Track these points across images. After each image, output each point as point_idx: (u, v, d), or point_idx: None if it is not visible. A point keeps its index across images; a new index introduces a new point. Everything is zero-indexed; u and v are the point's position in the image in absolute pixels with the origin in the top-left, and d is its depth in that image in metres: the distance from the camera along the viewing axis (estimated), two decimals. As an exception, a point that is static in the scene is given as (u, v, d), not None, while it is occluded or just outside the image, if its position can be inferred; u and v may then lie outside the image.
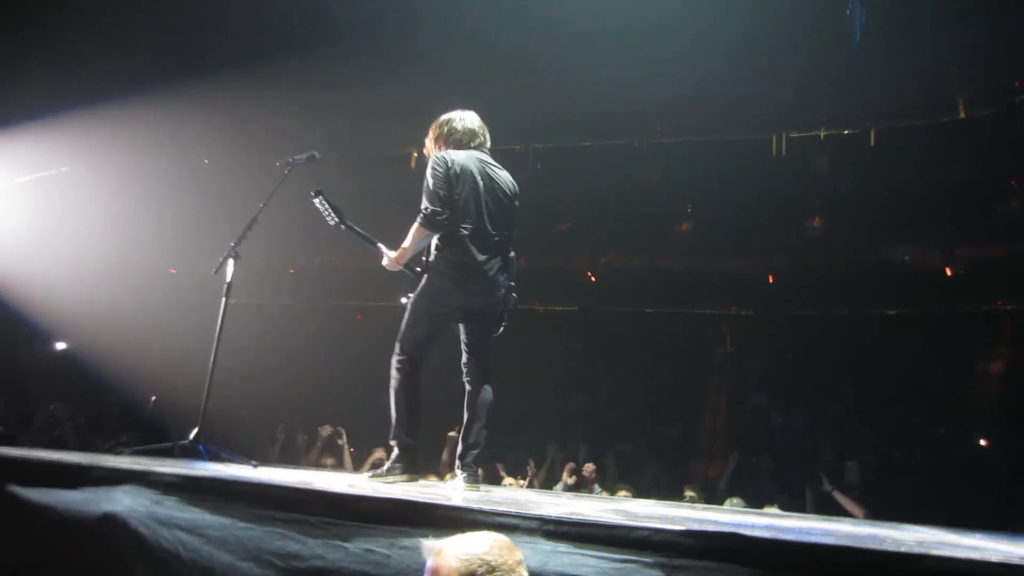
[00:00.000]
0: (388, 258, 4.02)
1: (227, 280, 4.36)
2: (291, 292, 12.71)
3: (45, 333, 10.54)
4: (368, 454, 6.91)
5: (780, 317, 11.25)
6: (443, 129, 4.06)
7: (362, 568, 2.55)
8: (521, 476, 6.70)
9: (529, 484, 6.71)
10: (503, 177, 4.06)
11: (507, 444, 6.87)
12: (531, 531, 2.47)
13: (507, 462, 6.97)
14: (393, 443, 3.89)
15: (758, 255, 12.45)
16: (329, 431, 7.55)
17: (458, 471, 3.92)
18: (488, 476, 5.21)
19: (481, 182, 3.91)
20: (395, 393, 3.88)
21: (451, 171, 3.84)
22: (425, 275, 3.95)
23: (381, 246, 4.07)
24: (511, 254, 4.07)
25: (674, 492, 6.48)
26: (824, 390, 9.86)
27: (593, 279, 13.76)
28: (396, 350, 3.91)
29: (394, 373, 3.89)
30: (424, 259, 4.03)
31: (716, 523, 2.87)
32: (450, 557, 1.88)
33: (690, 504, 5.36)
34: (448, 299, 3.90)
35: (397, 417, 3.87)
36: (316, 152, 4.59)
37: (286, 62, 9.01)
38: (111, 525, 2.79)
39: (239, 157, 11.25)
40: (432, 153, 4.01)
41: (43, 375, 9.79)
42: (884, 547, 2.33)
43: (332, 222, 4.13)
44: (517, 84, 9.29)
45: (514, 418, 7.28)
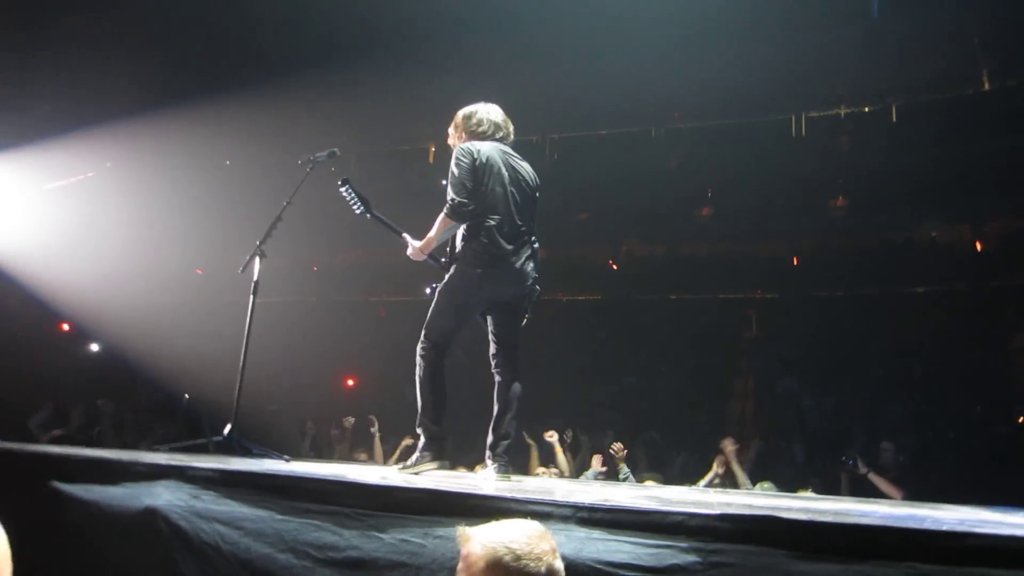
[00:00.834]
0: (413, 248, 4.03)
1: (254, 278, 4.39)
2: (316, 289, 12.83)
3: (82, 334, 10.78)
4: (395, 447, 6.97)
5: (807, 299, 11.09)
6: (468, 122, 4.06)
7: (397, 558, 2.57)
8: (562, 444, 6.75)
9: (572, 450, 6.76)
10: (526, 168, 4.07)
11: (534, 435, 6.87)
12: (565, 518, 2.47)
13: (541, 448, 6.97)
14: (419, 430, 3.92)
15: (781, 237, 12.28)
16: (352, 421, 7.63)
17: (489, 461, 3.93)
18: (518, 467, 5.22)
19: (506, 173, 3.91)
20: (420, 381, 3.92)
21: (477, 162, 3.83)
22: (453, 265, 3.95)
23: (406, 236, 4.08)
24: (536, 245, 4.06)
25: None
26: (855, 372, 9.69)
27: (615, 267, 13.70)
28: (422, 338, 3.94)
29: (420, 361, 3.92)
30: (449, 250, 4.03)
31: (752, 507, 2.84)
32: (476, 544, 1.88)
33: (721, 490, 5.32)
34: (476, 289, 3.91)
35: (423, 405, 3.91)
36: (337, 149, 4.60)
37: (305, 63, 9.07)
38: (152, 519, 2.84)
39: (259, 158, 11.36)
40: (456, 145, 4.01)
41: (80, 374, 10.00)
42: (925, 526, 2.29)
43: (358, 211, 4.14)
44: (532, 75, 9.25)
45: (541, 407, 7.28)
